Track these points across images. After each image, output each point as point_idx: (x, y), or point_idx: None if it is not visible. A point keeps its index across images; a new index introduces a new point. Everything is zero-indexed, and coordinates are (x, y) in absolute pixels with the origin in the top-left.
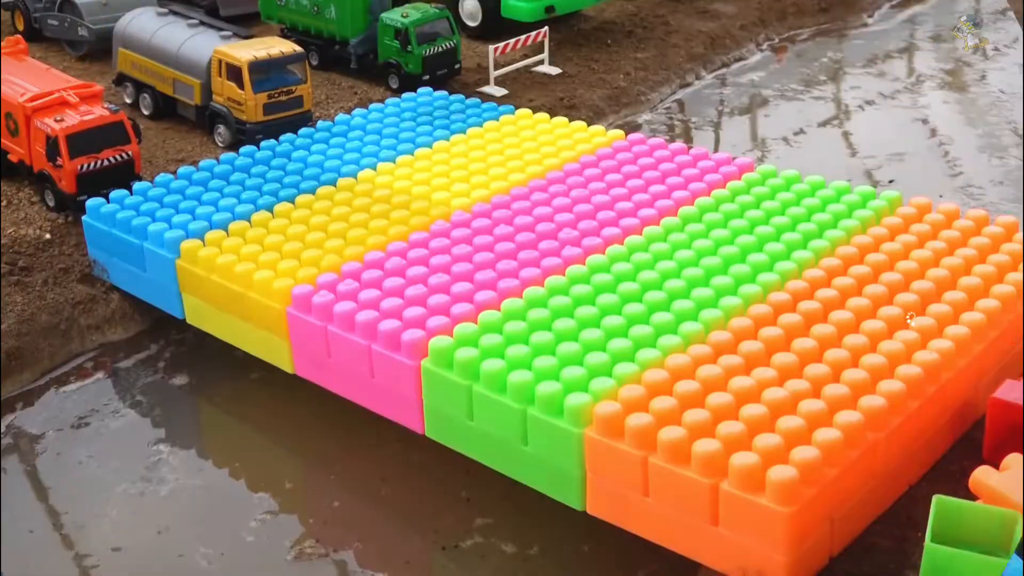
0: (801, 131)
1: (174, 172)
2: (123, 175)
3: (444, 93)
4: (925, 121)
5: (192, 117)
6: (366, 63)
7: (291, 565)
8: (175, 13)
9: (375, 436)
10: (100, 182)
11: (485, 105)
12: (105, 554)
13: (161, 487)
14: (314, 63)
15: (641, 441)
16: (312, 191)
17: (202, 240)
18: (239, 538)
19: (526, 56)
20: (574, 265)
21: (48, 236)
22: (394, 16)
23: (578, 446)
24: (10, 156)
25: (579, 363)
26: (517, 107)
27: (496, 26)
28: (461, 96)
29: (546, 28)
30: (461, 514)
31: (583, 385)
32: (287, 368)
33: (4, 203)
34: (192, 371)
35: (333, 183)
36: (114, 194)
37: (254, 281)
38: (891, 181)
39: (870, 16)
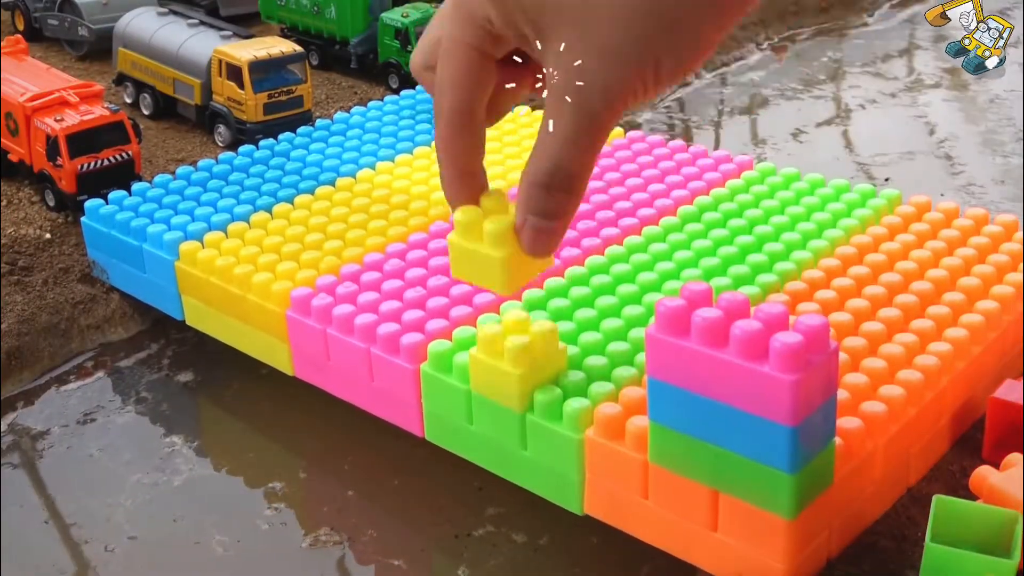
0: (801, 130)
1: (173, 172)
2: (123, 175)
3: None
4: (926, 120)
5: (192, 117)
6: (366, 63)
7: (306, 552)
8: (175, 13)
9: (387, 427)
10: (100, 182)
11: None
12: (121, 542)
13: (175, 477)
14: (314, 63)
15: (642, 444)
16: (311, 191)
17: (201, 242)
18: (254, 526)
19: None
20: (572, 267)
21: (48, 236)
22: (394, 16)
23: (577, 451)
24: (10, 156)
25: (578, 367)
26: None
27: None
28: None
29: None
30: (473, 504)
31: (582, 390)
32: (287, 370)
33: (4, 203)
34: (197, 369)
35: (332, 183)
36: (113, 195)
37: (253, 284)
38: (887, 179)
39: (870, 16)
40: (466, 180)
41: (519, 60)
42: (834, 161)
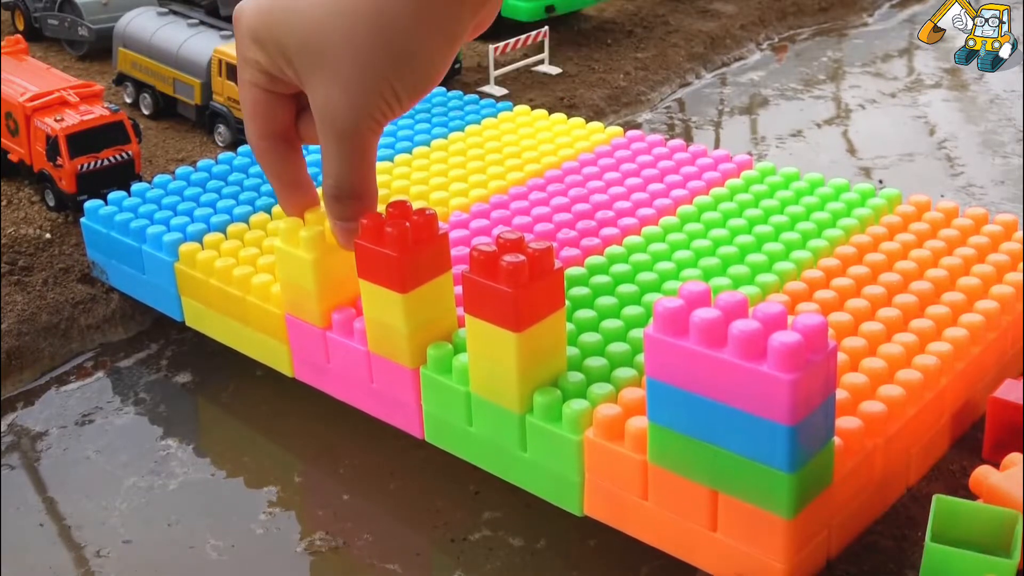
0: (801, 130)
1: (173, 172)
2: (123, 175)
3: (442, 89)
4: (925, 120)
5: (192, 117)
6: None
7: (301, 557)
8: (175, 13)
9: (383, 430)
10: (100, 182)
11: (484, 101)
12: (116, 546)
13: (170, 481)
14: None
15: (641, 444)
16: None
17: (200, 243)
18: (249, 530)
19: (526, 56)
20: (572, 267)
21: (48, 236)
22: None
23: (577, 453)
24: (10, 156)
25: (578, 368)
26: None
27: (496, 26)
28: (459, 92)
29: (546, 28)
30: (470, 508)
31: (582, 391)
32: (287, 372)
33: (4, 203)
34: (195, 369)
35: None
36: (112, 195)
37: (252, 285)
38: (880, 182)
39: (870, 16)
40: (290, 193)
41: None
42: (834, 160)
